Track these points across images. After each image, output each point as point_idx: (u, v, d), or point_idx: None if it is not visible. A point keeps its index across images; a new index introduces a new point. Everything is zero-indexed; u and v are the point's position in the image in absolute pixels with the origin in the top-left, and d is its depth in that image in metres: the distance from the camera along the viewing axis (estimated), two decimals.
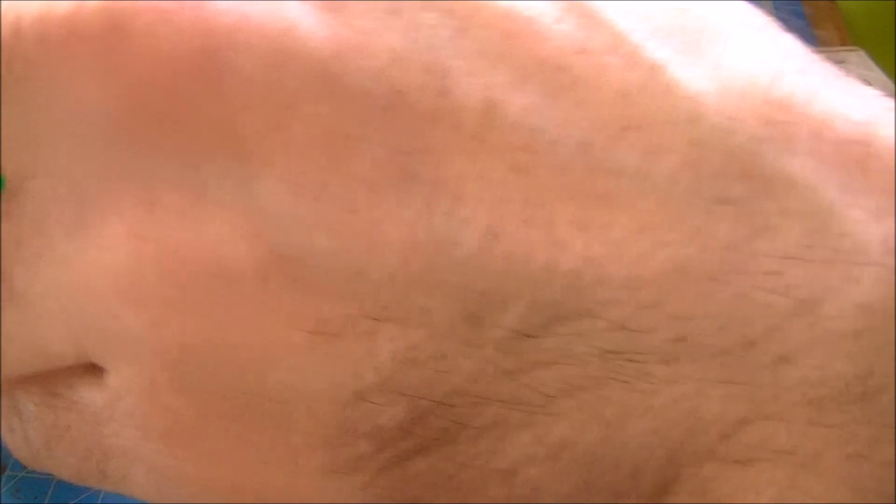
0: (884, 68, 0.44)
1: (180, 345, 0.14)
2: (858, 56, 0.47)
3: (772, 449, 0.14)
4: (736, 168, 0.14)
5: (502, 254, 0.14)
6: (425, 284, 0.14)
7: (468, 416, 0.14)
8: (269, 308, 0.14)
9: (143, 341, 0.14)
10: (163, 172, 0.14)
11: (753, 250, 0.14)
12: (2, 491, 0.25)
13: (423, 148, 0.13)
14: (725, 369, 0.14)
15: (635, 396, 0.14)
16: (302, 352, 0.14)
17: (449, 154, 0.13)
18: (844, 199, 0.14)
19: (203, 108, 0.13)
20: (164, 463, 0.15)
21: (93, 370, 0.16)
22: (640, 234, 0.14)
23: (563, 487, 0.15)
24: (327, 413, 0.14)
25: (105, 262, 0.14)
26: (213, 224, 0.14)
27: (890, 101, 0.16)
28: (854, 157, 0.14)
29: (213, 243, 0.14)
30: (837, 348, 0.14)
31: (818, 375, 0.14)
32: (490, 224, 0.13)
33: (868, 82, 0.17)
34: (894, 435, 0.14)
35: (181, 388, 0.14)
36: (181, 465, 0.15)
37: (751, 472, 0.15)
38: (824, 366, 0.14)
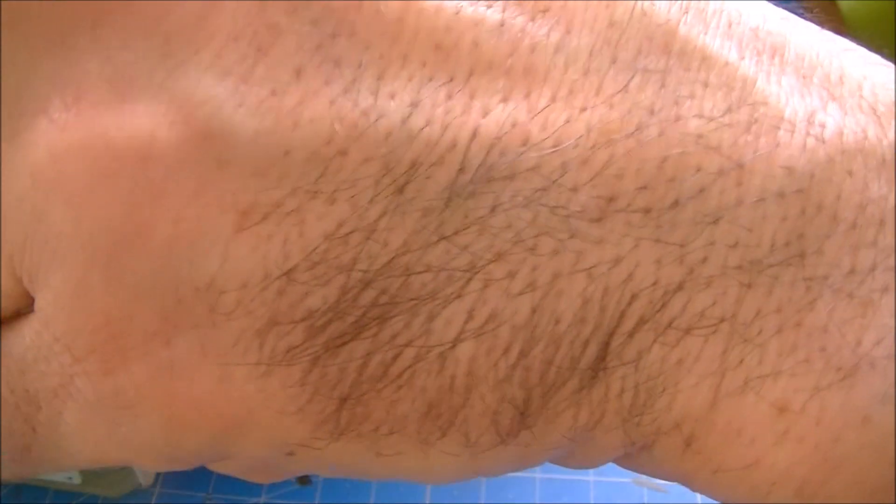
0: None
1: (109, 233, 0.14)
2: None
3: (706, 316, 0.14)
4: (655, 45, 0.15)
5: (427, 124, 0.14)
6: (350, 159, 0.14)
7: (401, 289, 0.14)
8: (197, 192, 0.14)
9: (70, 237, 0.14)
10: (92, 71, 0.14)
11: (676, 115, 0.14)
12: (2, 493, 0.25)
13: (348, 32, 0.14)
14: (655, 228, 0.14)
15: (566, 257, 0.14)
16: (232, 235, 0.14)
17: (372, 37, 0.14)
18: (762, 75, 0.15)
19: (131, 7, 0.14)
20: (97, 386, 0.15)
21: (10, 321, 0.16)
22: (563, 101, 0.14)
23: (500, 369, 0.15)
24: (257, 300, 0.14)
25: (28, 160, 0.14)
26: (138, 110, 0.14)
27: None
28: (770, 44, 0.15)
29: (138, 128, 0.14)
30: (764, 209, 0.14)
31: (747, 237, 0.14)
32: (414, 98, 0.14)
33: None
34: (836, 297, 0.14)
35: (112, 284, 0.14)
36: (114, 383, 0.15)
37: (685, 341, 0.14)
38: (753, 227, 0.14)
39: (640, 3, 0.15)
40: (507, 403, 0.15)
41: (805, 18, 0.16)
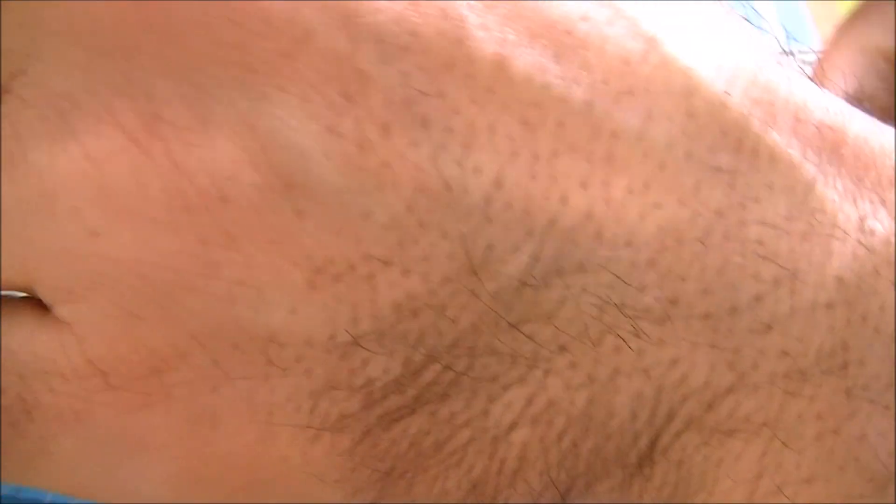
0: None
1: (175, 267, 0.13)
2: None
3: (750, 420, 0.15)
4: (728, 142, 0.15)
5: (507, 207, 0.14)
6: (428, 232, 0.14)
7: (465, 370, 0.14)
8: (273, 240, 0.13)
9: (131, 264, 0.13)
10: (166, 88, 0.13)
11: (741, 219, 0.15)
12: (2, 491, 0.25)
13: (437, 92, 0.14)
14: (712, 333, 0.14)
15: (628, 355, 0.14)
16: (301, 290, 0.14)
17: (462, 102, 0.14)
18: (821, 178, 0.15)
19: (214, 29, 0.13)
20: (119, 421, 0.14)
21: (11, 315, 0.14)
22: (639, 195, 0.14)
23: (551, 456, 0.15)
24: (318, 361, 0.14)
25: (95, 174, 0.13)
26: (220, 142, 0.13)
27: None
28: (831, 140, 0.15)
29: (221, 164, 0.13)
30: (815, 319, 0.15)
31: (796, 346, 0.15)
32: (499, 175, 0.14)
33: None
34: (874, 409, 0.15)
35: (168, 320, 0.14)
36: (144, 421, 0.14)
37: (727, 443, 0.15)
38: (803, 337, 0.15)
39: (719, 94, 0.15)
40: (552, 487, 0.15)
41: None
